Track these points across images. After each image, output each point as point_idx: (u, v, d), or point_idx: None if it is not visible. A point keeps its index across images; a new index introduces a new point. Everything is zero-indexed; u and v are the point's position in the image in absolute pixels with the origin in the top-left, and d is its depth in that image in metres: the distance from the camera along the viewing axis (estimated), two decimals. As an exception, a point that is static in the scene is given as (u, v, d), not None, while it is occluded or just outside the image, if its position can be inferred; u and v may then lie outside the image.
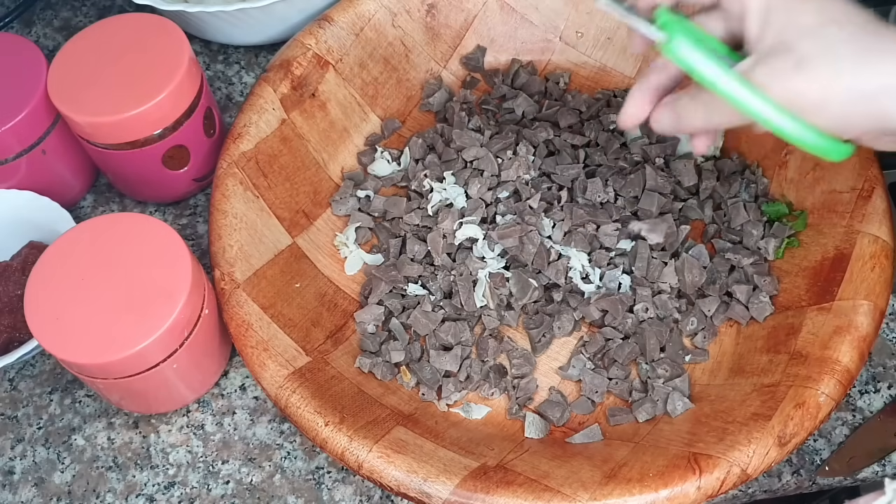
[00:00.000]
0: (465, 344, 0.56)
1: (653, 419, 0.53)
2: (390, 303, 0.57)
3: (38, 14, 0.77)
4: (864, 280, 0.51)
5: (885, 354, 0.57)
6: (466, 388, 0.55)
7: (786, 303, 0.55)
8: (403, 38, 0.66)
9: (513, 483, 0.47)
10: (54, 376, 0.58)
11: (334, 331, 0.57)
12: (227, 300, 0.53)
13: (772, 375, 0.51)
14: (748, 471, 0.46)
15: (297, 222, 0.60)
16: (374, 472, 0.48)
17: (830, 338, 0.50)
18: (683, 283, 0.56)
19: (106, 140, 0.57)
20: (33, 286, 0.49)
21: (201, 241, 0.63)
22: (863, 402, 0.55)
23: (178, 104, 0.57)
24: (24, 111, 0.57)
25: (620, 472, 0.47)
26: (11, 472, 0.55)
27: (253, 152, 0.58)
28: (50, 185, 0.61)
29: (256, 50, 0.73)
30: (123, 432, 0.56)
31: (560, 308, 0.56)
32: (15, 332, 0.55)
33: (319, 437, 0.49)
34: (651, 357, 0.55)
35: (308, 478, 0.54)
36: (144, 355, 0.48)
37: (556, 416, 0.53)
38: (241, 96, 0.70)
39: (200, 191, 0.65)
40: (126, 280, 0.49)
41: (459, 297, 0.57)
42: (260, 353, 0.52)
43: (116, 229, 0.51)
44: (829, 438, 0.54)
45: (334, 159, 0.63)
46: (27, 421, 0.57)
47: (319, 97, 0.62)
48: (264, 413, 0.56)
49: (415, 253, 0.59)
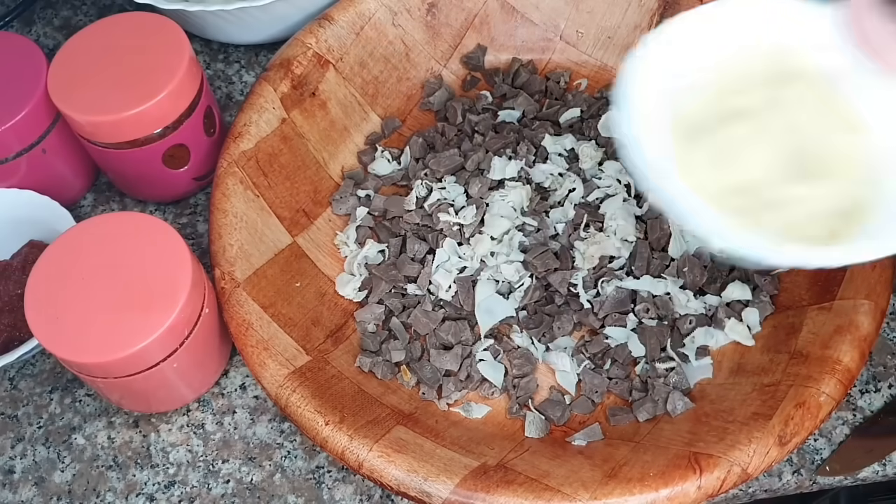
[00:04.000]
0: (466, 343, 0.56)
1: (653, 419, 0.53)
2: (390, 302, 0.57)
3: (39, 13, 0.77)
4: (865, 279, 0.51)
5: (885, 354, 0.56)
6: (467, 387, 0.55)
7: (786, 302, 0.55)
8: (404, 36, 0.66)
9: (513, 482, 0.47)
10: (54, 375, 0.58)
11: (334, 330, 0.57)
12: (228, 299, 0.53)
13: (772, 375, 0.51)
14: (749, 470, 0.46)
15: (297, 221, 0.59)
16: (374, 472, 0.48)
17: (831, 337, 0.50)
18: (684, 282, 0.56)
19: (106, 139, 0.57)
20: (33, 285, 0.49)
21: (201, 241, 0.63)
22: (863, 401, 0.55)
23: (178, 103, 0.57)
24: (25, 110, 0.57)
25: (621, 472, 0.47)
26: (11, 471, 0.55)
27: (253, 151, 0.58)
28: (50, 185, 0.61)
29: (256, 49, 0.72)
30: (124, 431, 0.56)
31: (560, 308, 0.56)
32: (15, 332, 0.55)
33: (319, 437, 0.49)
34: (651, 357, 0.54)
35: (308, 477, 0.54)
36: (145, 354, 0.48)
37: (557, 415, 0.53)
38: (241, 95, 0.70)
39: (200, 190, 0.65)
40: (126, 279, 0.49)
41: (459, 297, 0.57)
42: (260, 352, 0.52)
43: (117, 228, 0.51)
44: (829, 438, 0.54)
45: (334, 158, 0.63)
46: (27, 420, 0.57)
47: (320, 96, 0.62)
48: (264, 412, 0.56)
49: (415, 252, 0.59)
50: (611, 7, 0.65)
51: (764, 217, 0.42)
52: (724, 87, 0.46)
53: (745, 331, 0.55)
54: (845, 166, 0.44)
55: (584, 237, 0.58)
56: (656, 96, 0.45)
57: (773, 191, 0.43)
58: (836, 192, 0.43)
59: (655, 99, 0.45)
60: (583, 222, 0.58)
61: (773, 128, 0.45)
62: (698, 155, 0.44)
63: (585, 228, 0.58)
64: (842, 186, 0.43)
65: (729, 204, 0.42)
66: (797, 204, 0.43)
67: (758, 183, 0.43)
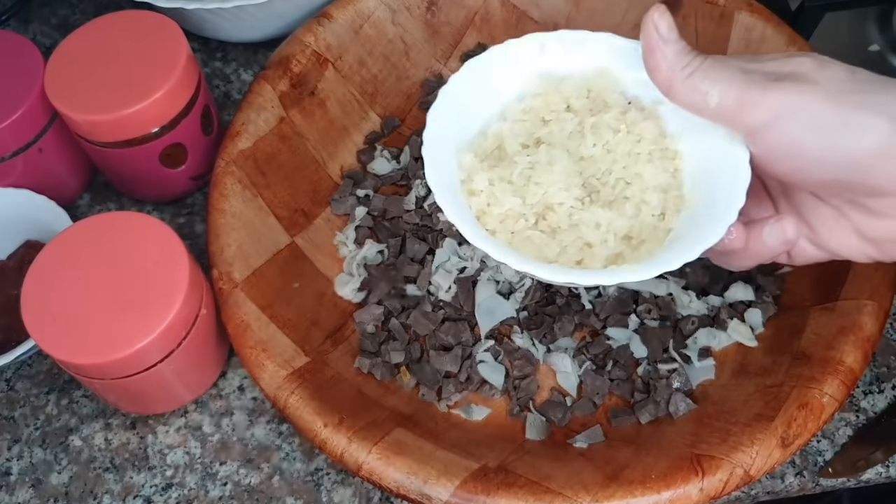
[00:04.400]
0: (466, 344, 0.55)
1: (655, 420, 0.52)
2: (390, 303, 0.57)
3: (35, 11, 0.76)
4: (869, 280, 0.51)
5: (889, 355, 0.56)
6: (467, 388, 0.54)
7: (789, 303, 0.55)
8: (403, 35, 0.65)
9: (514, 485, 0.47)
10: (51, 376, 0.58)
11: (333, 331, 0.56)
12: (226, 300, 0.53)
13: (775, 376, 0.50)
14: (751, 472, 0.46)
15: (295, 221, 0.59)
16: (373, 474, 0.48)
17: (834, 338, 0.50)
18: (686, 283, 0.56)
19: (103, 138, 0.56)
20: (30, 286, 0.49)
21: (199, 241, 0.63)
22: (867, 402, 0.55)
23: (175, 102, 0.56)
24: (21, 109, 0.57)
25: (622, 474, 0.47)
26: (8, 472, 0.55)
27: (251, 150, 0.58)
28: (47, 184, 0.61)
29: (255, 47, 0.72)
30: (121, 433, 0.56)
31: (561, 309, 0.56)
32: (11, 332, 0.55)
33: (318, 439, 0.49)
34: (653, 358, 0.54)
35: (307, 479, 0.54)
36: (142, 355, 0.48)
37: (558, 417, 0.53)
38: (239, 94, 0.70)
39: (198, 189, 0.65)
40: (123, 279, 0.49)
41: (459, 298, 0.56)
42: (258, 353, 0.51)
43: (114, 228, 0.51)
44: (832, 439, 0.54)
45: (333, 158, 0.63)
46: (24, 421, 0.56)
47: (318, 95, 0.62)
48: (263, 414, 0.56)
49: (414, 252, 0.58)
50: (611, 7, 0.65)
51: (563, 237, 0.45)
52: (534, 114, 0.48)
53: (748, 332, 0.54)
54: (641, 201, 0.46)
55: None
56: (462, 124, 0.47)
57: (570, 213, 0.45)
58: (625, 223, 0.45)
59: (461, 126, 0.47)
60: None
61: (575, 153, 0.47)
62: (498, 179, 0.46)
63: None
64: (631, 219, 0.45)
65: (527, 223, 0.46)
66: (590, 226, 0.45)
67: (553, 203, 0.45)
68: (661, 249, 0.44)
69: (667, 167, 0.46)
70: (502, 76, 0.48)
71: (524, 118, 0.48)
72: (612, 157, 0.46)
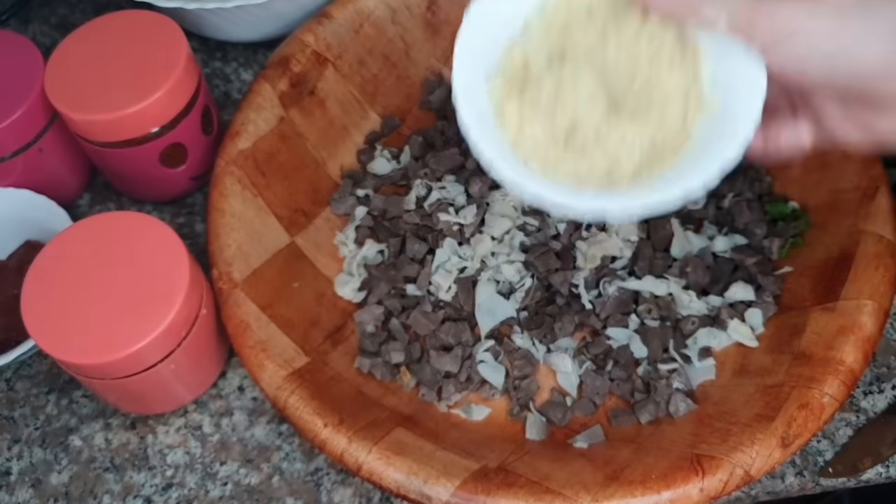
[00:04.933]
0: (466, 344, 0.55)
1: (655, 420, 0.52)
2: (390, 303, 0.57)
3: (35, 11, 0.76)
4: (869, 280, 0.51)
5: (889, 355, 0.56)
6: (467, 388, 0.54)
7: (789, 303, 0.55)
8: (403, 34, 0.65)
9: (514, 485, 0.47)
10: (51, 376, 0.58)
11: (333, 331, 0.56)
12: (226, 300, 0.53)
13: (775, 376, 0.50)
14: (751, 472, 0.46)
15: (295, 221, 0.59)
16: (373, 474, 0.48)
17: (834, 338, 0.50)
18: (687, 282, 0.56)
19: (103, 138, 0.56)
20: (30, 286, 0.49)
21: (199, 240, 0.63)
22: (867, 402, 0.55)
23: (175, 102, 0.56)
24: (21, 109, 0.57)
25: (623, 474, 0.47)
26: (8, 472, 0.55)
27: (251, 150, 0.58)
28: (47, 184, 0.61)
29: (254, 47, 0.72)
30: (121, 433, 0.56)
31: (562, 309, 0.56)
32: (11, 332, 0.55)
33: (318, 439, 0.49)
34: (654, 358, 0.54)
35: (307, 479, 0.54)
36: (142, 355, 0.48)
37: (558, 417, 0.53)
38: (238, 94, 0.70)
39: (198, 189, 0.65)
40: (123, 279, 0.49)
41: (459, 298, 0.56)
42: (258, 353, 0.51)
43: (114, 228, 0.51)
44: (832, 440, 0.54)
45: (333, 157, 0.63)
46: (24, 421, 0.56)
47: (318, 95, 0.62)
48: (262, 414, 0.56)
49: (415, 252, 0.58)
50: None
51: (591, 153, 0.44)
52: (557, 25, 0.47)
53: (749, 332, 0.54)
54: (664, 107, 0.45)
55: (586, 237, 0.57)
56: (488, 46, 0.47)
57: (596, 126, 0.45)
58: (650, 131, 0.44)
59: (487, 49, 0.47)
60: (584, 222, 0.58)
61: (598, 64, 0.46)
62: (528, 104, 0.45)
63: (587, 228, 0.58)
64: (656, 127, 0.44)
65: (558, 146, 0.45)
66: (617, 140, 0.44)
67: (581, 120, 0.45)
68: (686, 159, 0.44)
69: (686, 70, 0.45)
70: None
71: (547, 27, 0.47)
72: (635, 64, 0.45)
